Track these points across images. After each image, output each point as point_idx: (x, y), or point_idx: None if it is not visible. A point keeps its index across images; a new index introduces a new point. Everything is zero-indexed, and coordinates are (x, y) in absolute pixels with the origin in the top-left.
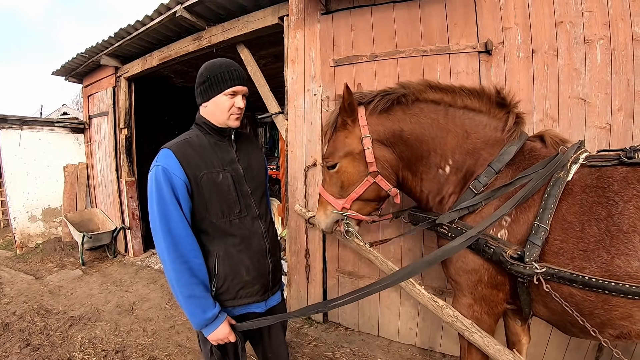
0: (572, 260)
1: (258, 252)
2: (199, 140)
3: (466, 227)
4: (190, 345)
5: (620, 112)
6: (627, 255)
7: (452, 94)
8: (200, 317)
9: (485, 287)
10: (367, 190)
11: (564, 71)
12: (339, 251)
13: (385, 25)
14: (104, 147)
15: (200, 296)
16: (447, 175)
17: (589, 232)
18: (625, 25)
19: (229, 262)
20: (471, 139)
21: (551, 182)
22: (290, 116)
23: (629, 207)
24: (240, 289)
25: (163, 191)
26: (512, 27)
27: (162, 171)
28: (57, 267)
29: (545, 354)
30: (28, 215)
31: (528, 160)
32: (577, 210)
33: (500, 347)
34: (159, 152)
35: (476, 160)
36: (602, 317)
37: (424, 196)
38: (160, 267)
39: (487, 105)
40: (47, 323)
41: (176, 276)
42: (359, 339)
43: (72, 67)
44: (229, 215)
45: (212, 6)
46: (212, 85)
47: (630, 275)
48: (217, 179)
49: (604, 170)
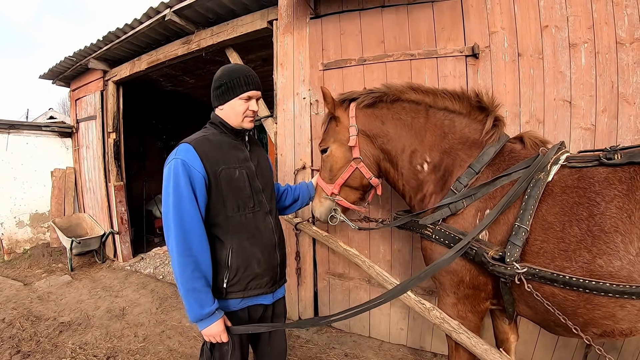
0: (553, 260)
1: (269, 245)
2: (216, 138)
3: (449, 229)
4: (182, 350)
5: (605, 114)
6: (609, 255)
7: (433, 95)
8: (197, 311)
9: (467, 287)
10: (352, 176)
11: (549, 74)
12: (329, 254)
13: (373, 30)
14: (92, 151)
15: (200, 290)
16: (425, 172)
17: (570, 232)
18: (609, 28)
19: (242, 255)
20: (448, 139)
21: (531, 184)
22: (280, 120)
23: (610, 207)
24: (250, 281)
25: (180, 184)
26: (499, 31)
27: (182, 164)
28: (45, 273)
29: (534, 352)
30: (15, 220)
31: (507, 161)
32: (558, 210)
33: (487, 347)
34: (177, 147)
35: (454, 160)
36: (585, 317)
37: (406, 191)
38: (150, 272)
39: (467, 108)
40: (37, 329)
41: (181, 268)
42: (350, 340)
43: (60, 70)
44: (243, 210)
45: (201, 10)
46: (229, 89)
47: (612, 274)
48: (233, 175)
49: (584, 170)
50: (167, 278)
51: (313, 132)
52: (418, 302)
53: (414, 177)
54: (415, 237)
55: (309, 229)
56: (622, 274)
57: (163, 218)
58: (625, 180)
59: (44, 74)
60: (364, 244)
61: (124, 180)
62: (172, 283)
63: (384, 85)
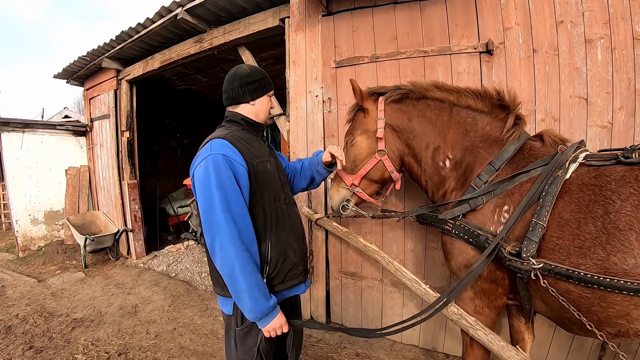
0: (568, 256)
1: (300, 235)
2: (242, 135)
3: (469, 225)
4: (193, 347)
5: (622, 111)
6: (624, 253)
7: (457, 94)
8: (264, 304)
9: (484, 281)
10: (374, 168)
11: (564, 71)
12: (342, 252)
13: (386, 26)
14: (105, 150)
15: (263, 284)
16: (447, 169)
17: (585, 229)
18: (626, 24)
19: (280, 247)
20: (470, 137)
21: (549, 181)
22: (292, 118)
23: (625, 205)
24: (289, 271)
25: (224, 178)
26: (513, 27)
27: (223, 158)
28: (59, 270)
29: (548, 354)
30: (30, 218)
31: (527, 158)
32: (574, 208)
33: (504, 344)
34: (209, 143)
35: (475, 157)
36: (599, 315)
37: (429, 187)
38: (163, 269)
39: (489, 106)
40: (50, 326)
41: (241, 264)
42: (361, 339)
43: (74, 70)
44: (278, 201)
45: (213, 8)
46: (262, 85)
47: (626, 272)
48: (267, 168)
49: (601, 169)
50: (179, 276)
51: (326, 130)
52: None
53: (436, 173)
54: (429, 237)
55: (329, 224)
56: (637, 271)
57: (204, 217)
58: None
59: (58, 74)
60: (377, 244)
61: (138, 179)
62: (184, 281)
63: (410, 82)
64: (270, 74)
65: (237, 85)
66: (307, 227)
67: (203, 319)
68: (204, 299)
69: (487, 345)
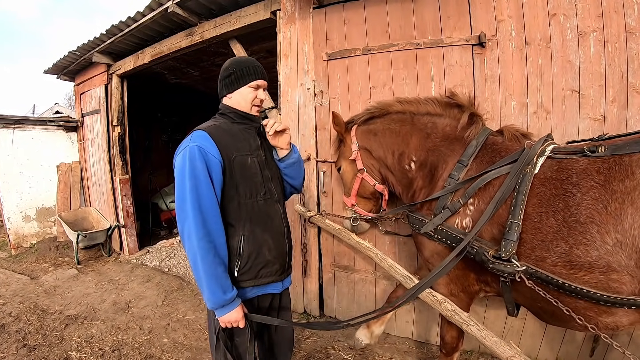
0: (533, 250)
1: (278, 232)
2: (228, 127)
3: (450, 229)
4: (187, 342)
5: (614, 104)
6: (586, 246)
7: (417, 104)
8: (220, 297)
9: (456, 267)
10: (361, 185)
11: (557, 63)
12: (335, 245)
13: (378, 19)
14: (97, 145)
15: (223, 276)
16: (414, 170)
17: (547, 223)
18: (619, 17)
19: (253, 241)
20: (431, 139)
21: (519, 179)
22: (284, 111)
23: (586, 199)
24: (262, 268)
25: (197, 169)
26: (506, 20)
27: (198, 150)
28: (52, 267)
29: (541, 346)
30: (22, 215)
31: (490, 153)
32: (535, 202)
33: (497, 339)
34: (191, 134)
35: (438, 156)
36: (571, 306)
37: (400, 191)
38: (156, 264)
39: (446, 109)
40: (44, 323)
41: (202, 254)
42: (355, 332)
43: (64, 65)
44: (255, 196)
45: (204, 1)
46: (238, 78)
47: (590, 264)
48: (246, 162)
49: (564, 162)
50: (172, 271)
51: (318, 123)
52: (429, 294)
53: (404, 176)
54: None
55: (322, 222)
56: (601, 263)
57: (177, 204)
58: (604, 171)
59: (49, 69)
60: (370, 236)
61: (130, 174)
62: (177, 276)
63: (377, 102)
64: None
65: (219, 80)
66: (300, 223)
67: (196, 314)
68: (197, 294)
69: (481, 341)
